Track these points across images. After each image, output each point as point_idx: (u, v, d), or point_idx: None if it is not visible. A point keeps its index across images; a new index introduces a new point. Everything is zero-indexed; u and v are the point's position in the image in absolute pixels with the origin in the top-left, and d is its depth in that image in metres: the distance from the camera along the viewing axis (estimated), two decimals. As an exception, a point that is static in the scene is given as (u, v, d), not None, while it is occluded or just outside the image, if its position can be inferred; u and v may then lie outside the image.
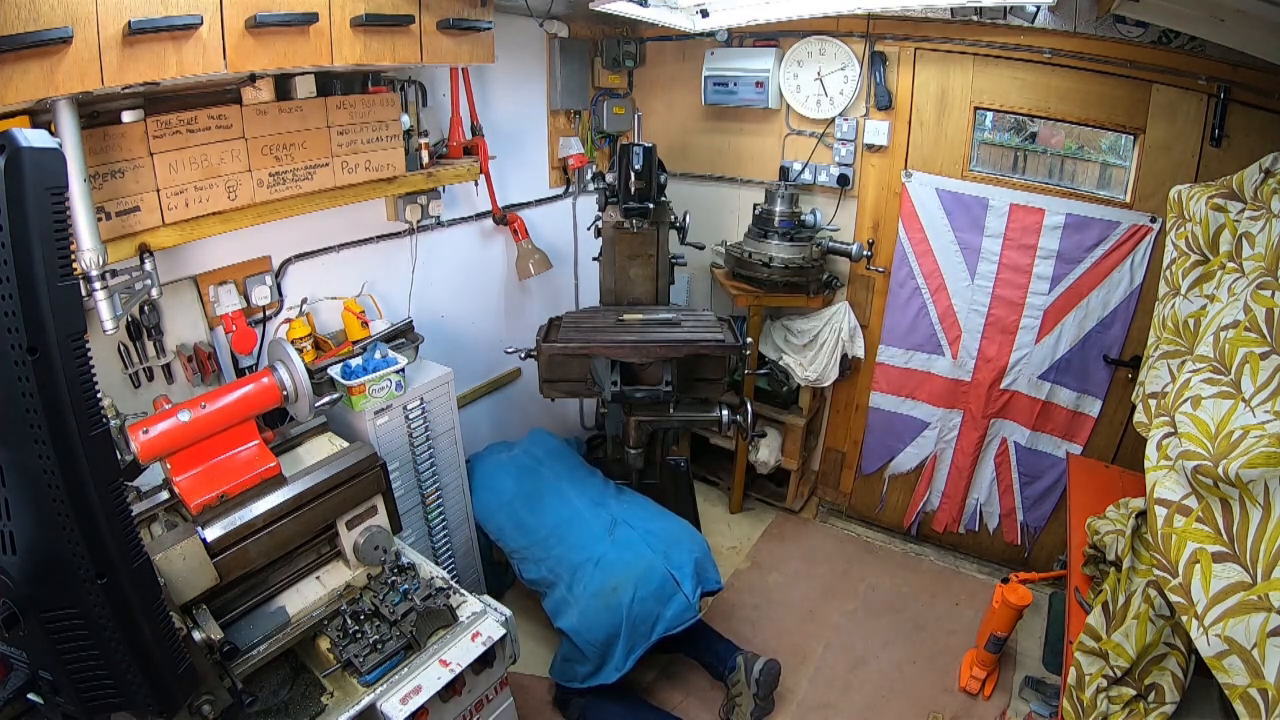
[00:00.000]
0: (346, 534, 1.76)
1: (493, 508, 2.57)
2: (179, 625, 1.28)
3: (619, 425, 2.62)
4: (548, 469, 2.67)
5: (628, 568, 2.23)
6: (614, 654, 2.17)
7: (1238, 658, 1.14)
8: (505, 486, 2.59)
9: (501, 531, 2.52)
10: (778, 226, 2.93)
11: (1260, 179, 1.63)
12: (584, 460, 2.87)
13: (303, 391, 1.71)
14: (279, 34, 1.64)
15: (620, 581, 2.19)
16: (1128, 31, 2.30)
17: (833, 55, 2.85)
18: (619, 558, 2.26)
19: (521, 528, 2.47)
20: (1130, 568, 1.66)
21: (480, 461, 2.72)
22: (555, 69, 3.01)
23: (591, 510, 2.46)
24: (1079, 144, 2.74)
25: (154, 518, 1.61)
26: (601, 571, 2.23)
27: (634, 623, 2.16)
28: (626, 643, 2.16)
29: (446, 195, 2.65)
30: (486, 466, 2.69)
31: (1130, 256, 2.52)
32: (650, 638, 2.20)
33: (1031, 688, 2.42)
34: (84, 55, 1.35)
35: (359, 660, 1.54)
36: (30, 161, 0.84)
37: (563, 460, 2.76)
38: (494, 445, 2.87)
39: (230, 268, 2.10)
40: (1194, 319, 1.73)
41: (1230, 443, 1.21)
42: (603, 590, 2.19)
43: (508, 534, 2.50)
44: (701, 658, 2.49)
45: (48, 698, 1.07)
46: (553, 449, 2.82)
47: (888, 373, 3.15)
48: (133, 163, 1.67)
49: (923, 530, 3.33)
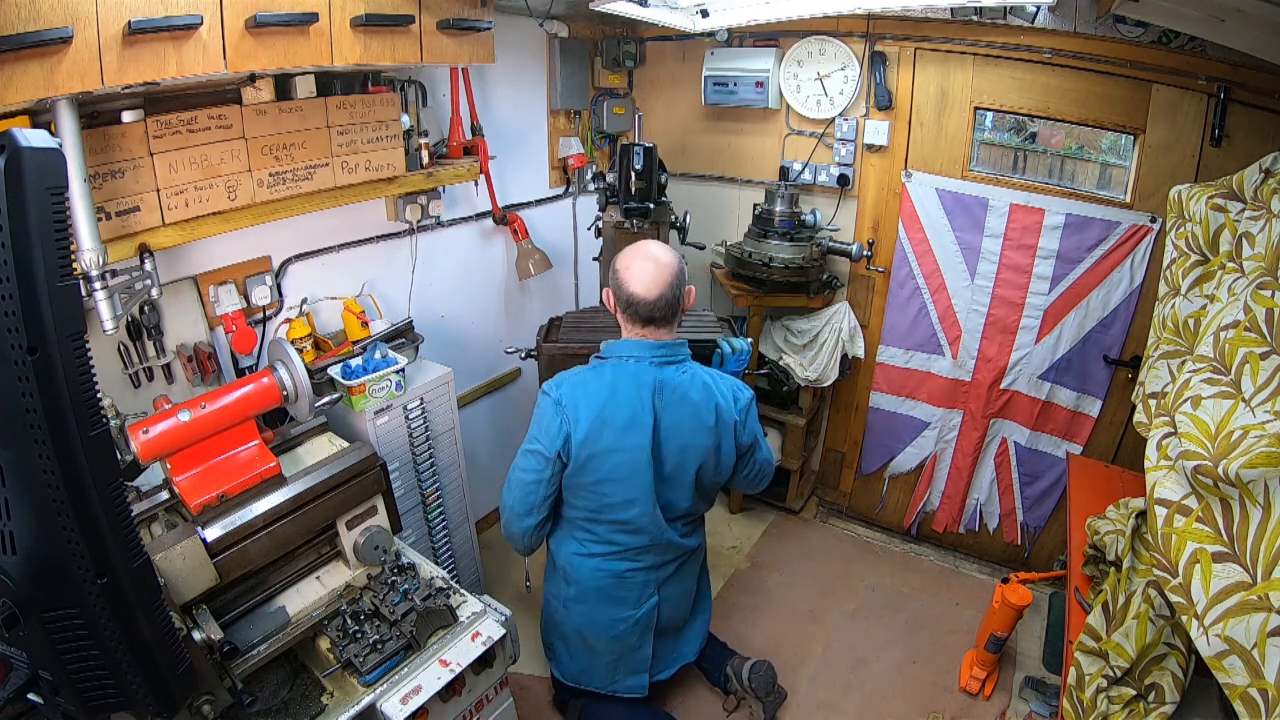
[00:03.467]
0: (346, 534, 1.76)
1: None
2: (179, 625, 1.28)
3: (619, 425, 2.62)
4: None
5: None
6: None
7: (1238, 658, 1.14)
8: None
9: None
10: (778, 226, 2.92)
11: (1260, 179, 1.63)
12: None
13: (303, 391, 1.71)
14: (279, 34, 1.64)
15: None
16: (1128, 31, 2.30)
17: (833, 55, 2.85)
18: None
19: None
20: (1130, 568, 1.67)
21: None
22: (555, 69, 3.01)
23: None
24: (1079, 144, 2.74)
25: (154, 518, 1.61)
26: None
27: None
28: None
29: (446, 195, 2.65)
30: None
31: (1130, 256, 2.52)
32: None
33: (1031, 688, 2.42)
34: (84, 55, 1.35)
35: (359, 660, 1.54)
36: (30, 161, 0.83)
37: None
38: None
39: (230, 268, 2.10)
40: (1194, 319, 1.73)
41: (1230, 443, 1.21)
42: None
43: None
44: (700, 663, 2.46)
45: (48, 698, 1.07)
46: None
47: (888, 373, 3.15)
48: (133, 163, 1.67)
49: (923, 530, 3.33)
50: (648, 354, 1.75)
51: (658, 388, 1.75)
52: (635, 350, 1.75)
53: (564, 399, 1.74)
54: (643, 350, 1.75)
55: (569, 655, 2.18)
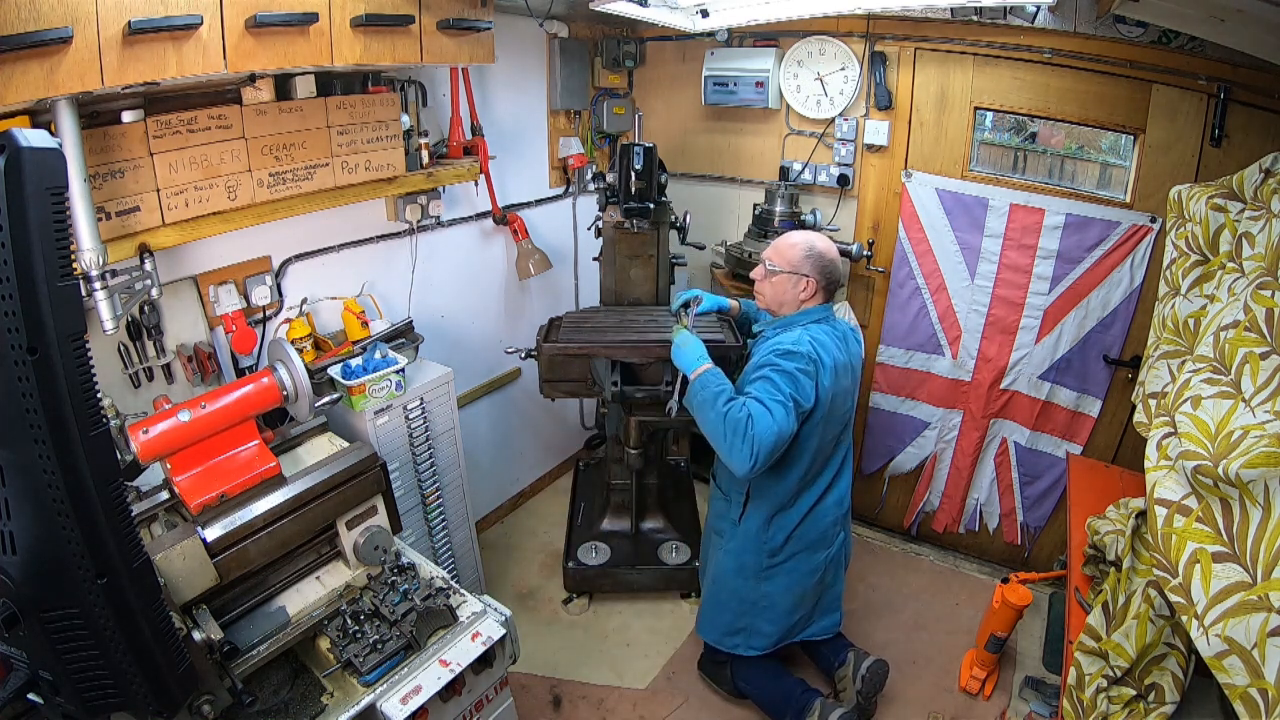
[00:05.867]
0: (346, 534, 1.76)
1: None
2: (179, 625, 1.28)
3: (619, 425, 2.62)
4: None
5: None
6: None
7: (1238, 658, 1.14)
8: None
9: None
10: (778, 226, 2.92)
11: (1260, 179, 1.64)
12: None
13: (303, 391, 1.71)
14: (279, 34, 1.64)
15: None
16: (1128, 31, 2.30)
17: (833, 55, 2.85)
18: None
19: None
20: (1130, 568, 1.67)
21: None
22: (555, 69, 3.01)
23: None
24: (1079, 144, 2.74)
25: (154, 518, 1.61)
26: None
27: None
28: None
29: (446, 195, 2.65)
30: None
31: (1130, 256, 2.52)
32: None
33: (1031, 688, 2.42)
34: (84, 55, 1.35)
35: (359, 660, 1.54)
36: (30, 161, 0.84)
37: None
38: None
39: (230, 268, 2.10)
40: (1194, 319, 1.73)
41: (1230, 443, 1.21)
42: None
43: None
44: (813, 648, 2.49)
45: (48, 698, 1.07)
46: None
47: (888, 373, 3.14)
48: (133, 163, 1.67)
49: (923, 530, 3.33)
50: (828, 314, 2.15)
51: (844, 338, 2.14)
52: (822, 313, 2.12)
53: (813, 353, 1.99)
54: (825, 312, 2.13)
55: (771, 624, 2.29)
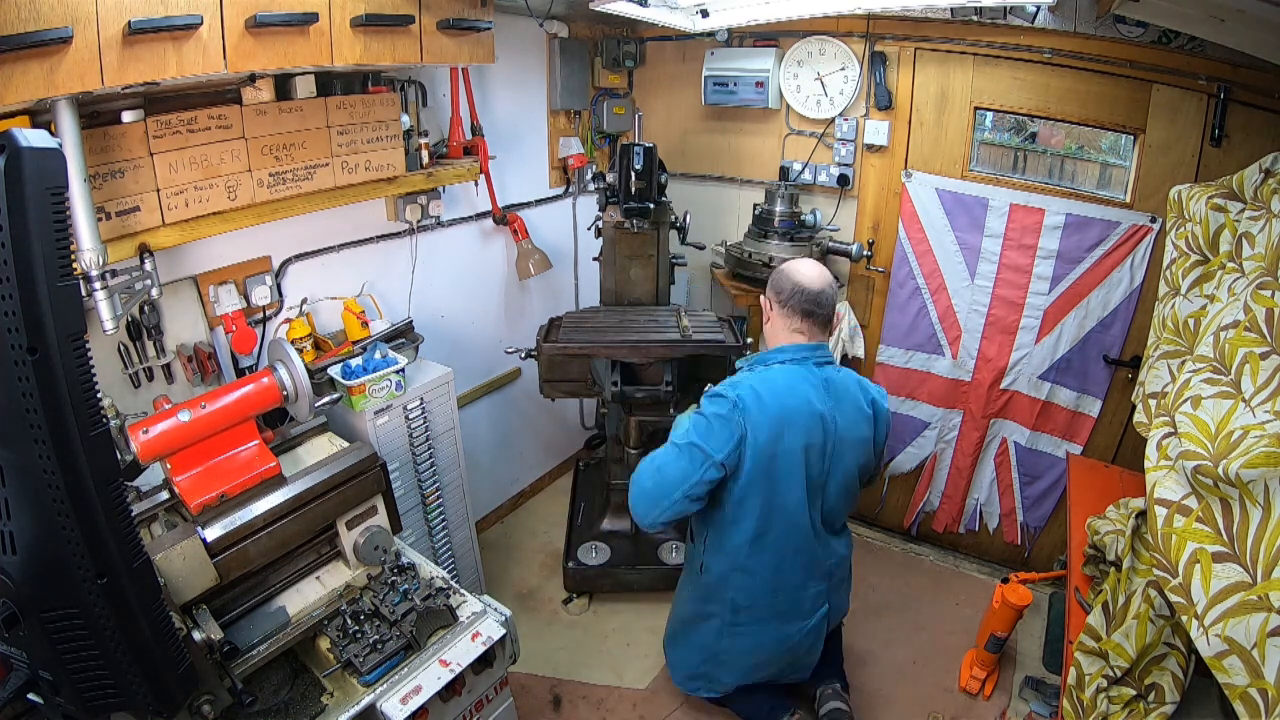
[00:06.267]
0: (346, 534, 1.76)
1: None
2: (179, 625, 1.28)
3: (619, 425, 2.63)
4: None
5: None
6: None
7: (1238, 658, 1.14)
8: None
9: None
10: (778, 226, 2.92)
11: (1260, 179, 1.64)
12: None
13: (303, 391, 1.71)
14: (279, 34, 1.64)
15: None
16: (1128, 31, 2.30)
17: (833, 55, 2.85)
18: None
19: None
20: (1130, 568, 1.67)
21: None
22: (555, 69, 3.01)
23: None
24: (1079, 144, 2.74)
25: (154, 518, 1.61)
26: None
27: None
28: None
29: (446, 195, 2.65)
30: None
31: (1130, 256, 2.52)
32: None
33: (1031, 688, 2.42)
34: (84, 55, 1.35)
35: (359, 660, 1.54)
36: (30, 161, 0.84)
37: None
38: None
39: (230, 268, 2.10)
40: (1194, 319, 1.73)
41: (1230, 443, 1.21)
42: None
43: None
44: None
45: (48, 698, 1.07)
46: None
47: (888, 373, 3.14)
48: (133, 163, 1.67)
49: (922, 530, 3.33)
50: (810, 355, 1.80)
51: (826, 385, 1.79)
52: (797, 353, 1.79)
53: (742, 401, 1.71)
54: (804, 352, 1.79)
55: (731, 676, 2.14)
